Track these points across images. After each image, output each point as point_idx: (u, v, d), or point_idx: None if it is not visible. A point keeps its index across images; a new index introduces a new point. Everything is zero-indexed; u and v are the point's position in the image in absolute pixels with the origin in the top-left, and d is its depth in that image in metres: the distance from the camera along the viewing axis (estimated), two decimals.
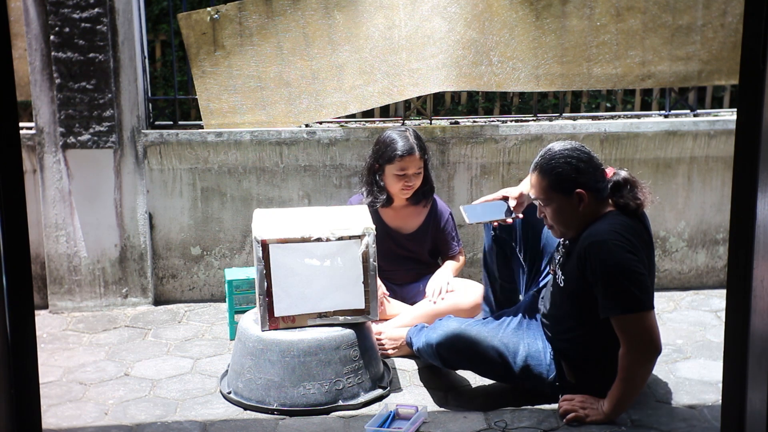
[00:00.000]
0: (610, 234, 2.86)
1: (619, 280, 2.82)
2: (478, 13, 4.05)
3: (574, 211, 2.93)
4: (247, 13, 4.08)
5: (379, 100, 4.15)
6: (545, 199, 2.96)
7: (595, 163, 2.97)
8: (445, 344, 3.08)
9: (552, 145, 3.00)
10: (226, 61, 4.12)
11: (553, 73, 4.15)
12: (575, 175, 2.91)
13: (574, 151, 2.95)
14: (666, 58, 4.18)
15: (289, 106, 4.17)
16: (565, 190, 2.92)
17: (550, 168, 2.93)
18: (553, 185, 2.93)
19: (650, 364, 2.89)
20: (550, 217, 2.99)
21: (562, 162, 2.92)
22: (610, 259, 2.83)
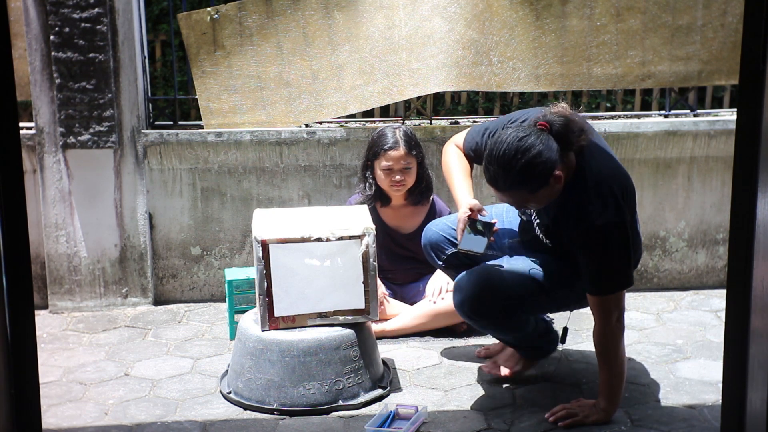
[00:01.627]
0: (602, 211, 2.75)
1: (613, 265, 2.82)
2: (478, 13, 4.05)
3: (555, 189, 2.78)
4: (247, 13, 4.08)
5: (379, 100, 4.16)
6: (527, 203, 2.84)
7: (544, 135, 2.72)
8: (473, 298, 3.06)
9: (505, 160, 2.70)
10: (226, 61, 4.12)
11: (553, 73, 4.15)
12: (544, 167, 2.70)
13: (528, 145, 2.69)
14: (666, 58, 4.18)
15: (289, 106, 4.17)
16: (544, 185, 2.74)
17: (523, 179, 2.71)
18: (531, 191, 2.75)
19: (622, 338, 2.90)
20: (535, 207, 2.90)
21: (530, 167, 2.69)
22: (607, 244, 2.77)
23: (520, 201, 2.85)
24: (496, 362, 3.29)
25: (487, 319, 3.11)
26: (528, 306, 3.10)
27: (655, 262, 4.41)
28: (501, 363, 3.28)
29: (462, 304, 3.11)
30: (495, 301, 3.05)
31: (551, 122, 2.76)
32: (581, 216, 2.79)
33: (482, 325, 3.18)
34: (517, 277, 3.08)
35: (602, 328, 2.86)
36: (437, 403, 3.12)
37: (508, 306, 3.05)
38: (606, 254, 2.81)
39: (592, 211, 2.77)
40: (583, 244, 2.82)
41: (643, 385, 3.24)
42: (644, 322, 3.94)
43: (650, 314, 4.04)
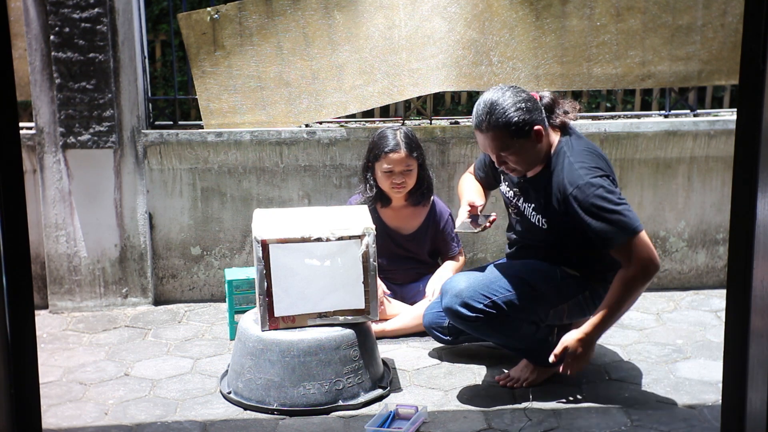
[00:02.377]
0: (580, 173, 2.96)
1: (611, 214, 2.91)
2: (478, 13, 4.05)
3: (536, 148, 3.02)
4: (247, 13, 4.08)
5: (379, 100, 4.16)
6: (507, 150, 3.00)
7: (529, 95, 3.04)
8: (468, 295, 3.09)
9: (492, 100, 2.98)
10: (226, 61, 4.12)
11: (553, 73, 4.15)
12: (528, 117, 2.97)
13: (515, 94, 2.99)
14: (666, 58, 4.18)
15: (289, 106, 4.17)
16: (525, 134, 2.98)
17: (505, 121, 2.95)
18: (512, 135, 2.97)
19: (648, 280, 2.94)
20: (514, 162, 3.04)
21: (513, 110, 2.95)
22: (593, 198, 2.92)
23: (499, 145, 2.99)
24: (509, 374, 3.28)
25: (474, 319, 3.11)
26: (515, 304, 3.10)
27: None
28: (514, 375, 3.27)
29: (446, 306, 3.14)
30: (478, 297, 3.08)
31: (542, 96, 3.11)
32: (571, 178, 2.96)
33: (473, 327, 3.16)
34: (498, 276, 3.13)
35: (625, 269, 2.93)
36: (437, 403, 3.12)
37: (492, 303, 3.08)
38: (597, 213, 2.92)
39: (579, 169, 2.96)
40: (580, 206, 2.95)
41: (643, 385, 3.24)
42: (644, 322, 3.94)
43: (650, 314, 4.04)
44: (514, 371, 3.27)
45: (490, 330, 3.18)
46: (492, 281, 3.12)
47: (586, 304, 3.21)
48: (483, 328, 3.17)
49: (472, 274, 3.19)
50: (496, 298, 3.09)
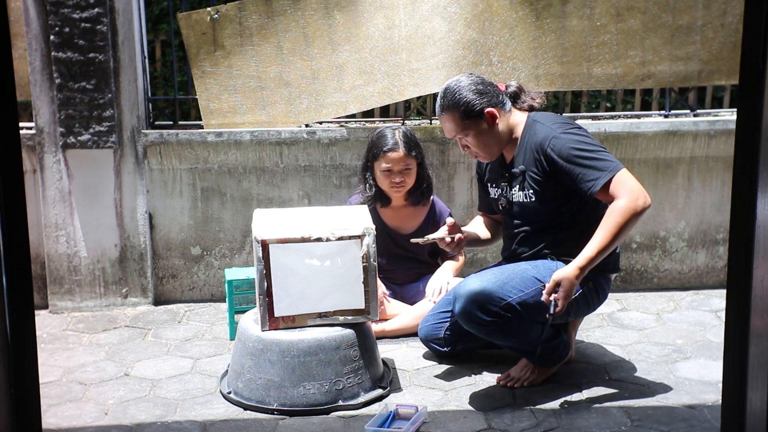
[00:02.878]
0: (553, 128, 3.08)
1: (591, 156, 2.99)
2: (478, 13, 4.05)
3: (492, 131, 3.16)
4: (247, 13, 4.08)
5: (379, 100, 4.16)
6: (462, 131, 3.16)
7: (488, 81, 3.21)
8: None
9: (447, 85, 3.18)
10: (226, 61, 4.12)
11: (553, 73, 4.15)
12: (479, 98, 3.13)
13: (468, 78, 3.17)
14: (666, 58, 4.18)
15: (289, 106, 4.17)
16: (476, 115, 3.13)
17: (454, 103, 3.13)
18: (463, 116, 3.13)
19: (640, 212, 2.93)
20: (474, 145, 3.18)
21: (464, 93, 3.13)
22: (570, 144, 3.02)
23: (454, 127, 3.16)
24: (509, 374, 3.28)
25: (489, 323, 3.08)
26: (528, 303, 3.08)
27: (655, 262, 4.41)
28: (515, 374, 3.26)
29: (462, 310, 3.09)
30: (493, 300, 3.05)
31: (509, 85, 3.28)
32: (545, 134, 3.08)
33: (486, 331, 3.13)
34: (511, 276, 3.11)
35: (614, 203, 2.94)
36: (437, 403, 3.12)
37: (508, 305, 3.05)
38: (575, 155, 3.01)
39: (552, 125, 3.10)
40: (559, 156, 3.04)
41: (643, 385, 3.24)
42: (644, 322, 3.94)
43: (650, 314, 4.04)
44: (514, 371, 3.27)
45: (503, 333, 3.13)
46: (505, 282, 3.08)
47: (591, 297, 3.21)
48: (496, 332, 3.13)
49: (484, 277, 3.13)
50: (510, 299, 3.05)
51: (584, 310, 3.25)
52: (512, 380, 3.24)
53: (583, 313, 3.27)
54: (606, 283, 3.26)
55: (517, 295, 3.06)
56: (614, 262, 3.24)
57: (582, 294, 3.17)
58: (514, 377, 3.25)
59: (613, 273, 3.28)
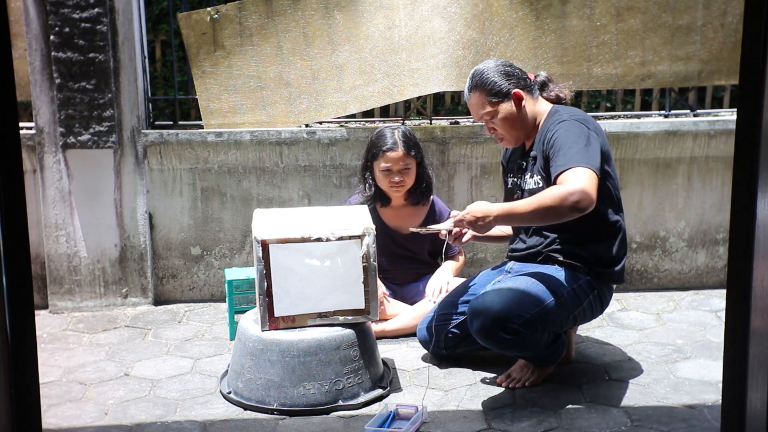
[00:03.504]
0: (563, 117, 3.11)
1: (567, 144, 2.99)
2: (478, 13, 4.05)
3: (519, 113, 3.18)
4: (247, 13, 4.08)
5: (379, 100, 4.16)
6: (489, 112, 3.18)
7: (516, 66, 3.25)
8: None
9: (476, 68, 3.23)
10: (226, 61, 4.12)
11: (553, 73, 4.14)
12: (506, 80, 3.17)
13: (496, 62, 3.22)
14: (666, 58, 4.18)
15: (289, 106, 4.17)
16: (504, 95, 3.16)
17: (482, 82, 3.17)
18: (490, 95, 3.16)
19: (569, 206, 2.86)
20: (500, 127, 3.19)
21: (491, 74, 3.17)
22: (560, 131, 3.04)
23: (481, 107, 3.17)
24: (509, 374, 3.28)
25: (509, 340, 3.05)
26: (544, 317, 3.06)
27: (655, 262, 4.41)
28: (515, 375, 3.26)
29: (482, 329, 3.06)
30: (513, 317, 3.02)
31: (538, 75, 3.31)
32: (549, 126, 3.13)
33: (502, 347, 3.11)
34: (526, 291, 3.08)
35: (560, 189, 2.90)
36: (437, 403, 3.12)
37: (527, 321, 3.03)
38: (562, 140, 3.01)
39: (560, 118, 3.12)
40: (547, 143, 3.08)
41: (643, 385, 3.24)
42: (644, 322, 3.94)
43: (650, 314, 4.04)
44: (514, 371, 3.27)
45: (519, 347, 3.11)
46: (522, 297, 3.06)
47: (595, 304, 3.22)
48: (513, 347, 3.11)
49: (502, 294, 3.08)
50: (529, 315, 3.03)
51: (588, 318, 3.27)
52: (512, 380, 3.24)
53: (586, 320, 3.28)
54: (609, 292, 3.27)
55: (535, 310, 3.05)
56: (619, 274, 3.23)
57: (588, 302, 3.18)
58: (514, 377, 3.25)
59: (616, 284, 3.28)
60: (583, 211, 2.87)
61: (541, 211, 2.91)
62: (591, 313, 3.24)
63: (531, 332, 3.05)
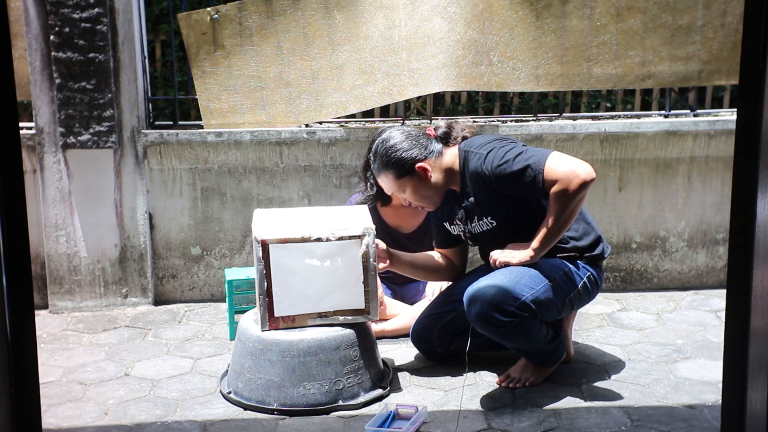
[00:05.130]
0: (480, 152, 3.12)
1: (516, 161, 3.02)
2: (478, 13, 4.05)
3: (428, 183, 3.23)
4: (247, 13, 4.08)
5: (379, 100, 4.16)
6: (399, 189, 3.26)
7: (414, 134, 3.25)
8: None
9: (376, 145, 3.28)
10: (226, 61, 4.12)
11: (553, 73, 4.15)
12: (407, 156, 3.19)
13: (393, 138, 3.24)
14: (666, 58, 4.18)
15: (289, 106, 4.17)
16: (409, 172, 3.21)
17: (384, 163, 3.22)
18: (396, 175, 3.22)
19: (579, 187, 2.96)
20: (414, 200, 3.28)
21: (390, 153, 3.21)
22: (494, 160, 3.06)
23: (391, 186, 3.26)
24: (509, 374, 3.28)
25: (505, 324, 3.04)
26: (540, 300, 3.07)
27: (655, 262, 4.41)
28: (514, 375, 3.27)
29: (479, 314, 3.05)
30: (509, 300, 3.03)
31: (437, 127, 3.31)
32: (476, 164, 3.12)
33: (500, 332, 3.10)
34: (520, 274, 3.09)
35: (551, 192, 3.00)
36: (437, 403, 3.12)
37: (522, 303, 3.03)
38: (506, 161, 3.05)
39: (477, 151, 3.14)
40: (493, 175, 3.08)
41: (643, 385, 3.24)
42: (644, 322, 3.94)
43: (650, 314, 4.04)
44: (514, 371, 3.27)
45: (517, 334, 3.10)
46: (516, 281, 3.06)
47: (590, 287, 3.24)
48: (511, 333, 3.10)
49: (495, 277, 3.09)
50: (524, 298, 3.03)
51: (584, 302, 3.29)
52: (512, 380, 3.24)
53: (583, 303, 3.30)
54: (602, 275, 3.31)
55: (530, 293, 3.05)
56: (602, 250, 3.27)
57: (584, 285, 3.20)
58: (514, 377, 3.25)
59: (602, 260, 3.31)
60: (590, 180, 2.96)
61: (565, 215, 3.01)
62: (588, 295, 3.25)
63: (529, 316, 3.05)
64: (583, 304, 3.31)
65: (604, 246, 3.30)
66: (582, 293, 3.22)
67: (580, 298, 3.23)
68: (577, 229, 3.24)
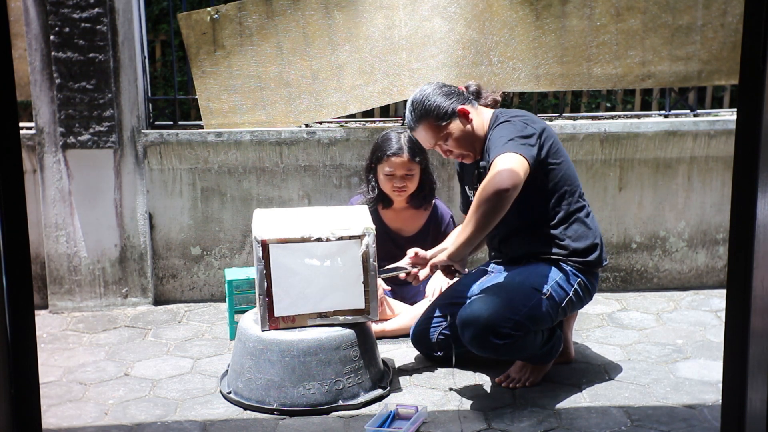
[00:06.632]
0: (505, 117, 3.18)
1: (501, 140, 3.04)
2: (478, 13, 4.05)
3: (469, 128, 3.21)
4: (247, 13, 4.08)
5: (379, 100, 4.16)
6: (441, 137, 3.21)
7: (449, 85, 3.29)
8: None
9: (412, 99, 3.24)
10: (226, 61, 4.12)
11: (553, 73, 4.15)
12: (446, 100, 3.20)
13: (430, 87, 3.24)
14: (666, 58, 4.18)
15: (289, 106, 4.17)
16: (450, 116, 3.19)
17: (426, 110, 3.19)
18: (437, 120, 3.18)
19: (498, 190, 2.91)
20: (456, 147, 3.23)
21: (431, 99, 3.19)
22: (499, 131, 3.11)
23: (433, 135, 3.20)
24: (508, 375, 3.28)
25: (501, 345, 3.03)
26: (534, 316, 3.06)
27: (655, 262, 4.41)
28: (514, 375, 3.26)
29: (474, 338, 3.04)
30: (503, 321, 3.01)
31: (468, 85, 3.34)
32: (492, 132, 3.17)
33: (497, 352, 3.09)
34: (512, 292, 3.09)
35: (484, 182, 2.97)
36: (437, 403, 3.12)
37: (517, 323, 3.02)
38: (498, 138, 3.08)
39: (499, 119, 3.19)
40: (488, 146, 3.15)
41: (643, 385, 3.24)
42: (644, 322, 3.94)
43: (650, 314, 4.04)
44: (513, 372, 3.27)
45: (515, 350, 3.10)
46: (509, 300, 3.05)
47: (582, 293, 3.22)
48: (510, 351, 3.09)
49: (488, 299, 3.08)
50: (518, 317, 3.02)
51: (577, 307, 3.29)
52: (511, 381, 3.24)
53: (576, 309, 3.30)
54: (594, 278, 3.29)
55: (524, 311, 3.04)
56: (598, 259, 3.24)
57: (575, 291, 3.19)
58: (514, 378, 3.25)
59: (601, 266, 3.29)
60: (509, 191, 2.90)
61: (481, 216, 2.96)
62: (580, 302, 3.25)
63: (524, 333, 3.04)
64: (575, 310, 3.32)
65: (601, 255, 3.25)
66: (574, 300, 3.21)
67: (572, 305, 3.22)
68: (576, 230, 3.22)
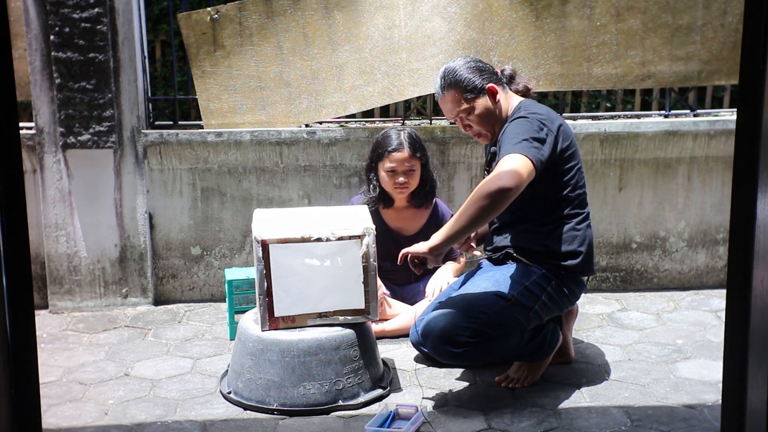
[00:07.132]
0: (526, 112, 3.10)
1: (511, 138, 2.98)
2: (478, 13, 4.05)
3: (494, 108, 3.17)
4: (247, 13, 4.08)
5: (379, 100, 4.16)
6: (465, 109, 3.16)
7: (486, 63, 3.25)
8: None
9: (445, 67, 3.20)
10: (226, 61, 4.12)
11: (553, 73, 4.15)
12: (479, 75, 3.16)
13: (465, 59, 3.21)
14: (666, 58, 4.18)
15: (289, 106, 4.17)
16: (479, 91, 3.15)
17: (456, 80, 3.14)
18: (465, 92, 3.14)
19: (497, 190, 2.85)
20: (477, 123, 3.17)
21: (464, 71, 3.15)
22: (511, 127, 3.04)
23: (457, 104, 3.14)
24: (508, 375, 3.28)
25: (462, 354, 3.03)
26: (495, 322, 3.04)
27: (655, 262, 4.41)
28: (513, 375, 3.26)
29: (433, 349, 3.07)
30: (460, 330, 3.01)
31: (504, 69, 3.31)
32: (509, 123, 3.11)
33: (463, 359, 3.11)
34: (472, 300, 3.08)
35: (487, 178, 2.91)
36: (437, 403, 3.12)
37: (475, 330, 3.01)
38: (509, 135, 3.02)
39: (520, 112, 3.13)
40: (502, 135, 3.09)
41: (643, 385, 3.24)
42: (644, 322, 3.94)
43: (650, 314, 4.04)
44: (512, 372, 3.27)
45: (482, 354, 3.11)
46: (466, 308, 3.05)
47: (558, 297, 3.17)
48: (473, 357, 3.10)
49: (444, 309, 3.10)
50: (476, 325, 3.01)
51: (556, 311, 3.22)
52: (511, 381, 3.24)
53: (555, 313, 3.23)
54: (575, 284, 3.22)
55: (482, 318, 3.03)
56: (579, 267, 3.18)
57: (548, 295, 3.14)
58: (513, 378, 3.25)
59: (584, 275, 3.24)
60: (510, 191, 2.84)
61: (476, 210, 2.88)
62: (556, 305, 3.18)
63: (485, 340, 3.02)
64: (553, 314, 3.23)
65: (582, 264, 3.18)
66: (548, 304, 3.15)
67: (548, 309, 3.16)
68: (561, 234, 3.16)
